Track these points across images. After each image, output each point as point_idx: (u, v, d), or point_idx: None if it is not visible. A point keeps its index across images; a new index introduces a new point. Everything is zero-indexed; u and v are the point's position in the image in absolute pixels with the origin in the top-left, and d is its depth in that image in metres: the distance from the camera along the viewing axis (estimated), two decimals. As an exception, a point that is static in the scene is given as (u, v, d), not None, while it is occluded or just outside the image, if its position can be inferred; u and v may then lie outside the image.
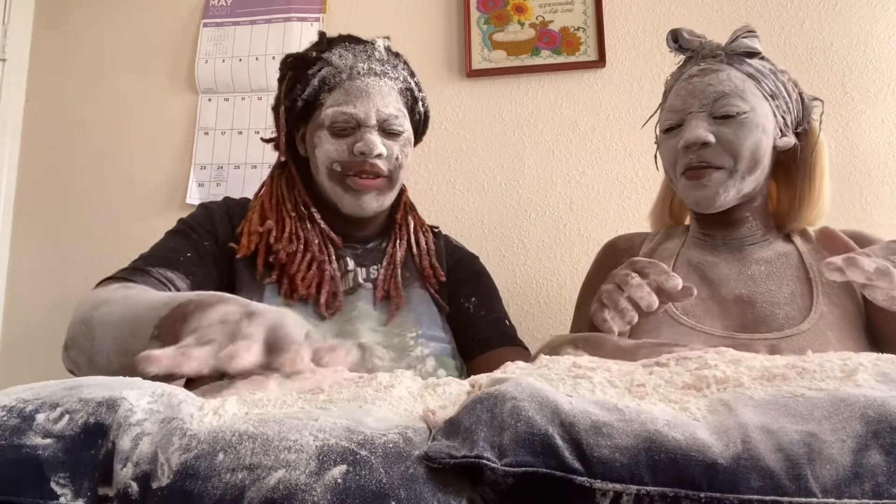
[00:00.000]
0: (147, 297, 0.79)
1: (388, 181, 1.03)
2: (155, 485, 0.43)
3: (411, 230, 1.11)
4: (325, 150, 1.00)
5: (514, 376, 0.53)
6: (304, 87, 1.02)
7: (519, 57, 1.61)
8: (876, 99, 1.47)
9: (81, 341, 0.81)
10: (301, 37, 1.70)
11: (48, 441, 0.45)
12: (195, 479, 0.42)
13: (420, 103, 1.10)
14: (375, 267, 1.06)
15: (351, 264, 1.05)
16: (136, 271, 0.93)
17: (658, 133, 1.03)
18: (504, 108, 1.61)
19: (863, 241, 0.98)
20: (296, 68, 1.04)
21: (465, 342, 1.07)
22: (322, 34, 1.08)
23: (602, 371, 0.56)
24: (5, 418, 0.47)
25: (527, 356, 1.05)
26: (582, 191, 1.55)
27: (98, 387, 0.51)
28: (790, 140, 0.98)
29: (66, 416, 0.47)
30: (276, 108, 1.08)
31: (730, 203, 0.96)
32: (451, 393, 0.58)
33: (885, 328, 0.91)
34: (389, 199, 1.06)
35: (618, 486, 0.41)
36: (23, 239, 1.72)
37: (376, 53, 1.05)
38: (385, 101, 1.01)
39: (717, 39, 1.54)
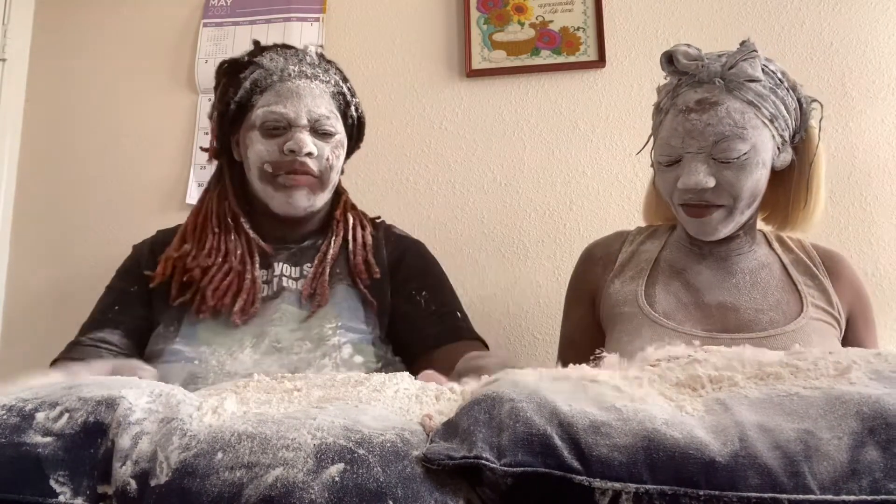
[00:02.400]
0: None
1: (319, 181, 1.03)
2: (153, 483, 0.43)
3: (349, 227, 1.10)
4: (257, 150, 1.01)
5: (508, 378, 0.53)
6: (236, 90, 1.03)
7: (519, 57, 1.61)
8: (876, 99, 1.47)
9: None
10: (301, 37, 1.70)
11: (48, 439, 0.46)
12: (193, 477, 0.42)
13: (353, 108, 1.12)
14: (308, 265, 1.06)
15: (279, 269, 1.05)
16: (73, 346, 1.01)
17: (653, 159, 1.01)
18: (504, 108, 1.61)
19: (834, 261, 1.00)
20: (229, 74, 1.06)
21: (420, 337, 1.06)
22: (256, 42, 1.10)
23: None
24: (5, 417, 0.47)
25: (481, 348, 1.06)
26: (582, 191, 1.55)
27: (97, 386, 0.51)
28: (787, 157, 0.97)
29: (66, 415, 0.47)
30: (211, 115, 1.09)
31: (729, 233, 0.97)
32: (447, 398, 0.58)
33: None
34: (321, 200, 1.06)
35: (617, 485, 0.41)
36: (23, 239, 1.72)
37: (307, 58, 1.07)
38: (316, 102, 1.02)
39: (718, 41, 1.55)
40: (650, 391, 0.50)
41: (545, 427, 0.44)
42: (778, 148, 0.94)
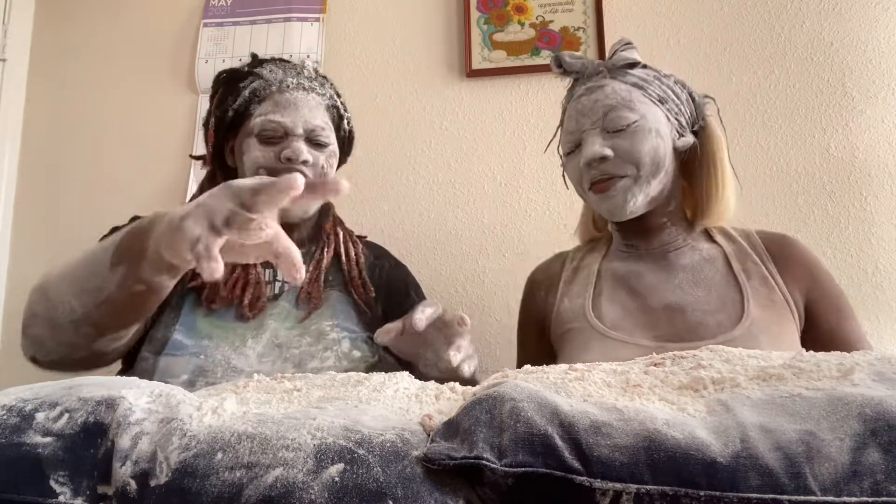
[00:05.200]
0: (94, 245, 0.82)
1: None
2: (153, 483, 0.43)
3: (340, 240, 1.15)
4: (253, 156, 1.04)
5: (509, 379, 0.53)
6: (234, 98, 1.07)
7: (519, 57, 1.61)
8: (876, 99, 1.47)
9: (39, 309, 0.84)
10: (301, 37, 1.70)
11: (48, 440, 0.46)
12: (193, 477, 0.42)
13: (345, 122, 1.16)
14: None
15: (279, 274, 1.08)
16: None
17: (562, 156, 1.05)
18: (504, 108, 1.61)
19: (784, 245, 0.99)
20: (227, 83, 1.09)
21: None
22: (254, 55, 1.15)
23: (598, 372, 0.56)
24: (5, 417, 0.47)
25: None
26: (582, 191, 1.55)
27: (97, 386, 0.51)
28: (688, 139, 0.99)
29: (66, 415, 0.47)
30: (206, 122, 1.12)
31: (641, 208, 0.97)
32: (447, 398, 0.58)
33: (819, 343, 0.91)
34: (314, 207, 1.10)
35: (617, 486, 0.41)
36: (23, 239, 1.72)
37: (305, 71, 1.11)
38: (312, 113, 1.07)
39: (718, 41, 1.55)
40: (651, 397, 0.50)
41: (546, 427, 0.44)
42: (677, 131, 0.98)
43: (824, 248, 1.42)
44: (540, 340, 1.08)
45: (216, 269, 0.60)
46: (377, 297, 1.12)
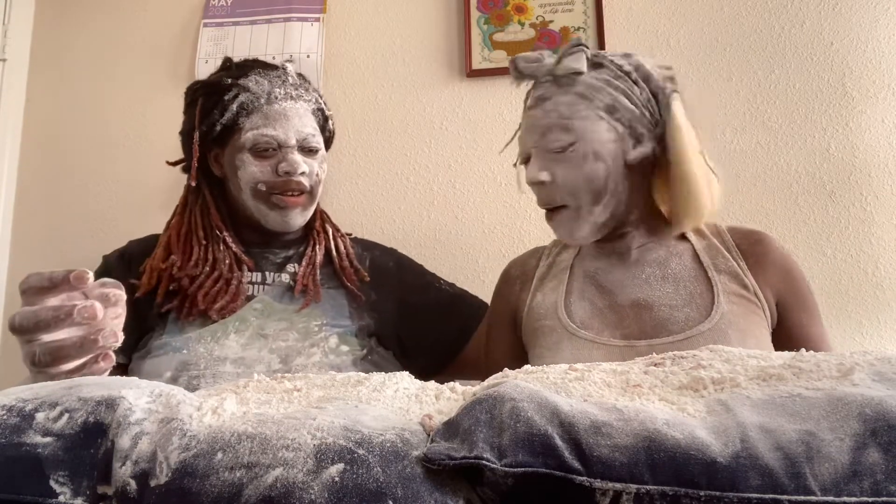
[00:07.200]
0: None
1: (310, 196, 1.11)
2: (153, 483, 0.43)
3: (330, 237, 1.18)
4: (250, 171, 1.06)
5: (509, 379, 0.53)
6: (221, 112, 1.07)
7: (519, 57, 1.61)
8: (876, 99, 1.47)
9: None
10: (301, 37, 1.70)
11: (48, 439, 0.46)
12: (193, 477, 0.42)
13: (330, 122, 1.19)
14: (292, 266, 1.12)
15: (270, 277, 1.11)
16: None
17: (516, 162, 1.04)
18: (504, 108, 1.61)
19: (756, 242, 0.96)
20: (208, 94, 1.10)
21: (447, 338, 1.18)
22: (229, 59, 1.15)
23: (598, 372, 0.56)
24: (5, 417, 0.47)
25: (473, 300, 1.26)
26: (582, 191, 1.55)
27: (97, 386, 0.51)
28: (645, 149, 0.93)
29: (66, 415, 0.47)
30: (187, 133, 1.12)
31: (590, 236, 0.95)
32: (447, 398, 0.57)
33: (788, 343, 0.90)
34: (310, 212, 1.14)
35: (617, 486, 0.41)
36: (23, 239, 1.72)
37: (289, 79, 1.12)
38: (302, 121, 1.09)
39: (718, 41, 1.55)
40: (651, 397, 0.50)
41: (546, 427, 0.44)
42: (632, 141, 0.92)
43: (824, 248, 1.43)
44: (506, 334, 1.06)
45: (105, 359, 0.60)
46: (369, 282, 1.15)
